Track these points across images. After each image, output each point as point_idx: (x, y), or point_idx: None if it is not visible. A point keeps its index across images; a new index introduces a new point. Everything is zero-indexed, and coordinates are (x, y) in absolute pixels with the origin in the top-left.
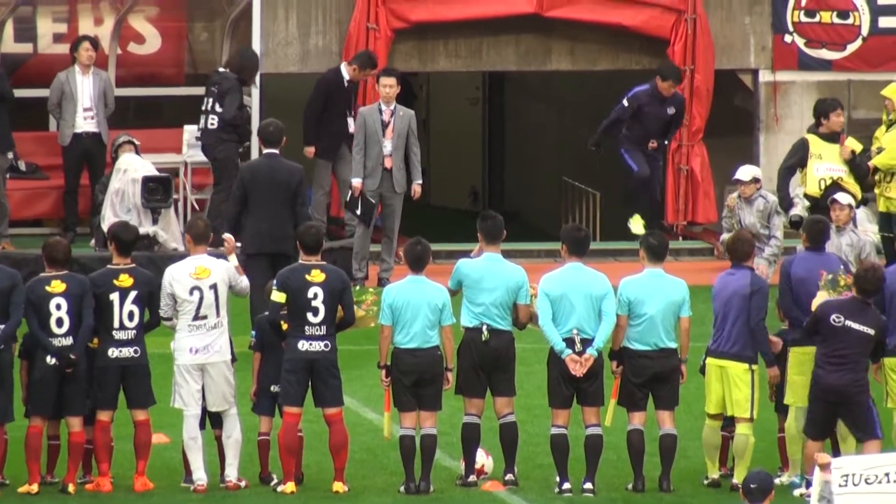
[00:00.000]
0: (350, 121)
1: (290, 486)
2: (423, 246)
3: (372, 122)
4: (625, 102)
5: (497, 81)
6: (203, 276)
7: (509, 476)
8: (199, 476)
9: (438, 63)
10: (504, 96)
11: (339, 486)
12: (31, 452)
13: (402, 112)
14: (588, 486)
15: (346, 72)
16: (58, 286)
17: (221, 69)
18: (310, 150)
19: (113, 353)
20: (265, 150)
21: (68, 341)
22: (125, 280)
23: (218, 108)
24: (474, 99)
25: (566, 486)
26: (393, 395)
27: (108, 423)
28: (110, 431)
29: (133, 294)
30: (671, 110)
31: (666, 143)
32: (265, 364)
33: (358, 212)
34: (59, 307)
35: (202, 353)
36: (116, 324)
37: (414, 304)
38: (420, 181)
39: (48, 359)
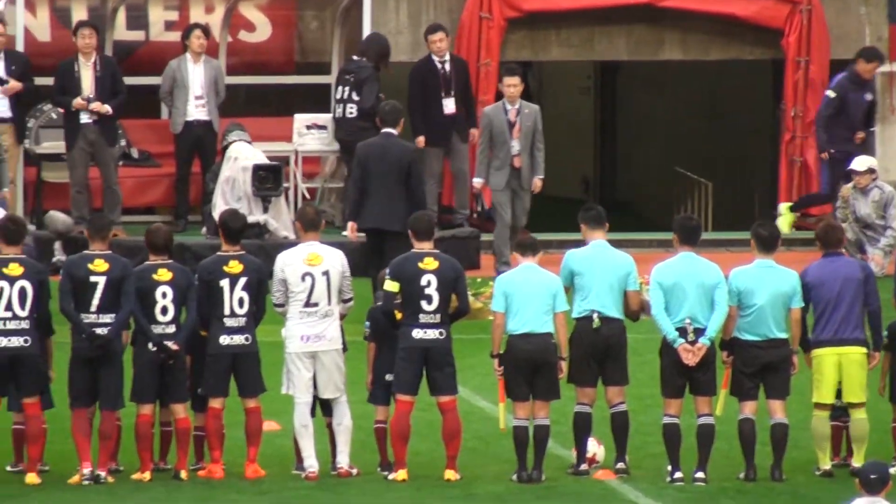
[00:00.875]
0: (451, 102)
1: (401, 474)
2: (531, 237)
3: (499, 123)
4: (830, 93)
5: (609, 71)
6: (315, 263)
7: (620, 465)
8: (311, 463)
9: (550, 52)
10: (616, 86)
11: (450, 475)
12: (141, 440)
13: (528, 109)
14: (700, 475)
15: (431, 53)
16: (164, 275)
17: (356, 57)
18: (420, 140)
19: (224, 340)
20: (382, 130)
21: (171, 329)
22: (235, 266)
23: (355, 97)
24: (586, 88)
25: (678, 475)
26: (506, 385)
27: (220, 410)
28: (222, 419)
29: (243, 280)
30: (869, 96)
31: (872, 130)
32: (379, 353)
33: (478, 209)
34: (164, 295)
35: (313, 341)
36: (227, 311)
37: (527, 290)
38: (542, 176)
39: (149, 346)
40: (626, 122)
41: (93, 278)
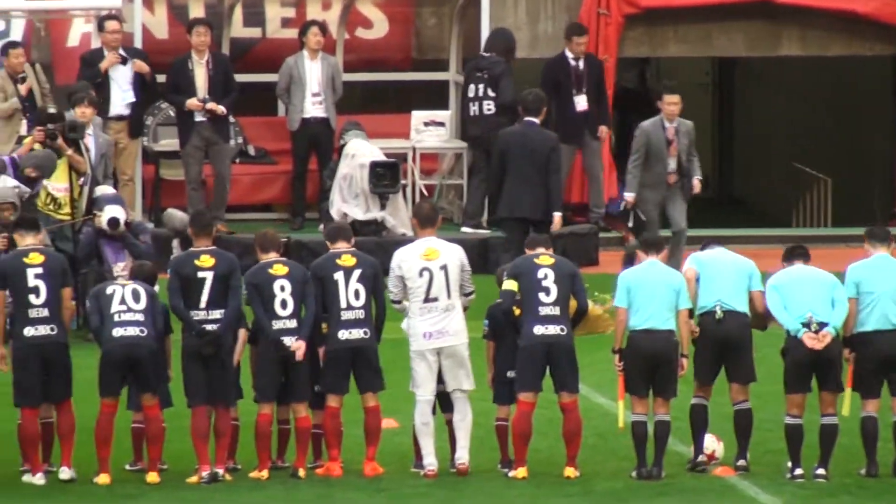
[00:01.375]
0: (583, 99)
1: (521, 472)
2: (656, 234)
3: (656, 140)
4: None
5: (727, 67)
6: (433, 258)
7: (741, 462)
8: (430, 461)
9: (668, 49)
10: (734, 82)
11: (570, 472)
12: (260, 439)
13: (685, 127)
14: (820, 471)
15: (568, 51)
16: (280, 269)
17: (486, 53)
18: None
19: (343, 335)
20: (525, 119)
21: (292, 324)
22: (348, 260)
23: (491, 93)
24: (704, 85)
25: (798, 471)
26: (626, 381)
27: (338, 408)
28: (340, 417)
29: (357, 273)
30: None
31: None
32: (499, 351)
33: (630, 224)
34: (283, 289)
35: (436, 337)
36: (343, 304)
37: (650, 285)
38: (700, 176)
39: (274, 342)
40: (743, 118)
41: (200, 274)
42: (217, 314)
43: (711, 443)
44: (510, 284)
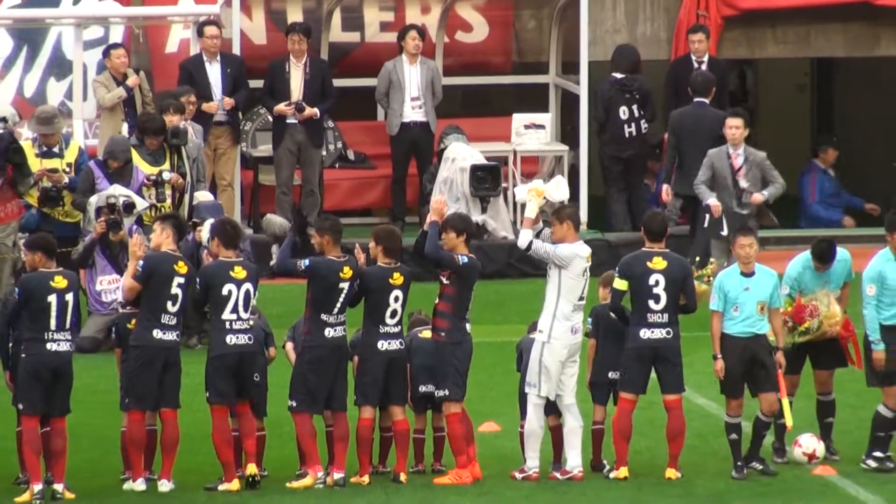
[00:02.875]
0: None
1: (622, 472)
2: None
3: (721, 168)
4: None
5: (825, 68)
6: (588, 260)
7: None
8: (533, 465)
9: (766, 49)
10: (833, 82)
11: (671, 473)
12: (361, 444)
13: (752, 156)
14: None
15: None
16: (398, 279)
17: (618, 74)
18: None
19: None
20: (695, 99)
21: (398, 329)
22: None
23: (643, 113)
24: (802, 85)
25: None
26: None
27: (459, 413)
28: (459, 422)
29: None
30: None
31: None
32: (602, 351)
33: (723, 233)
34: (396, 300)
35: (577, 334)
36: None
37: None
38: (765, 194)
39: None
40: (842, 118)
41: (342, 284)
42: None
43: (812, 442)
44: (620, 284)
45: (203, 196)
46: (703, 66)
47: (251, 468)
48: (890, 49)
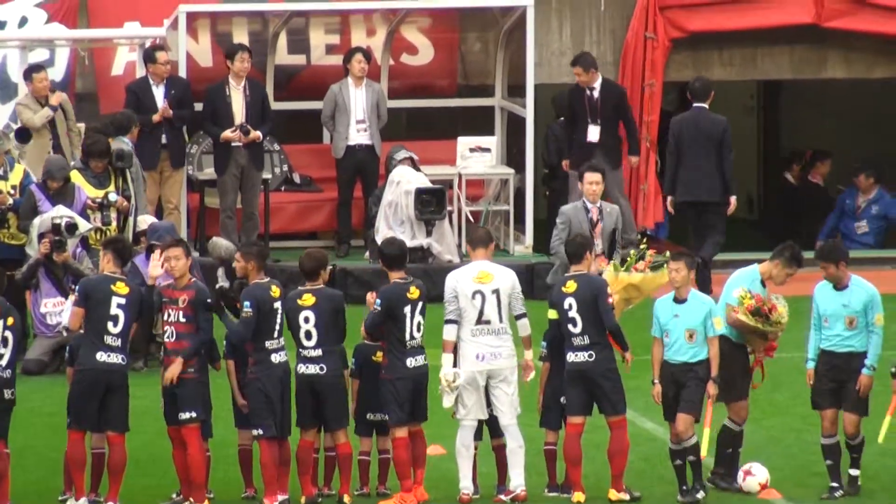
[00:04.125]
0: (595, 130)
1: (577, 496)
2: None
3: (577, 223)
4: None
5: (772, 90)
6: (485, 281)
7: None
8: (466, 485)
9: (713, 72)
10: (779, 105)
11: (613, 495)
12: (301, 465)
13: (609, 209)
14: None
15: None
16: (308, 300)
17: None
18: (564, 164)
19: (411, 363)
20: (694, 104)
21: (317, 353)
22: (414, 293)
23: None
24: (749, 107)
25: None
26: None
27: (406, 438)
28: (407, 447)
29: (420, 305)
30: None
31: None
32: (556, 376)
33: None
34: (307, 320)
35: (489, 360)
36: (407, 335)
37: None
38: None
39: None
40: (790, 141)
41: (275, 305)
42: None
43: (765, 471)
44: (551, 314)
45: (149, 219)
46: (595, 93)
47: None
48: (836, 71)
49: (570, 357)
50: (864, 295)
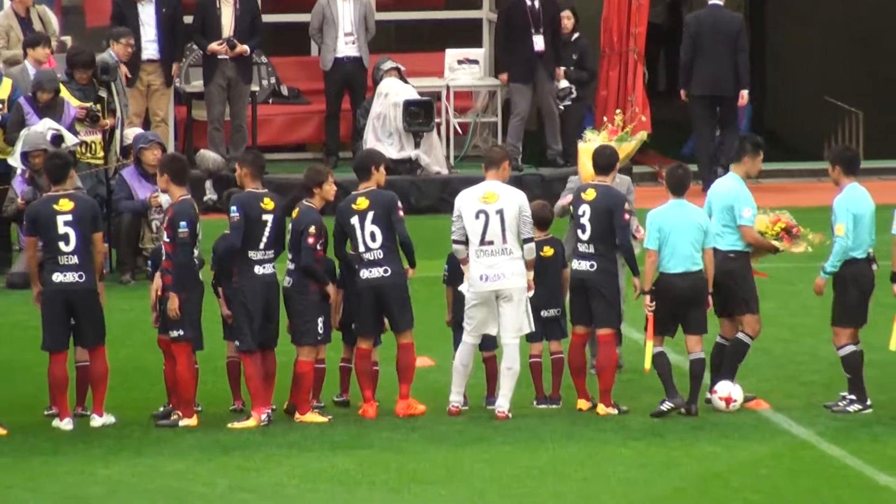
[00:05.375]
0: (540, 38)
1: (581, 403)
2: (684, 170)
3: None
4: None
5: (758, 2)
6: (490, 201)
7: (693, 407)
8: (457, 399)
9: None
10: (765, 15)
11: (602, 409)
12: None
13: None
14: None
15: None
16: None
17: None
18: (503, 77)
19: (364, 274)
20: (710, 2)
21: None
22: (362, 203)
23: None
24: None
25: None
26: (657, 321)
27: (368, 349)
28: (370, 358)
29: (371, 215)
30: None
31: None
32: (540, 289)
33: None
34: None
35: (493, 280)
36: (362, 247)
37: (681, 228)
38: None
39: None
40: (775, 51)
41: (264, 217)
42: (272, 254)
43: (726, 386)
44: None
45: (135, 132)
46: (536, 2)
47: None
48: None
49: (574, 265)
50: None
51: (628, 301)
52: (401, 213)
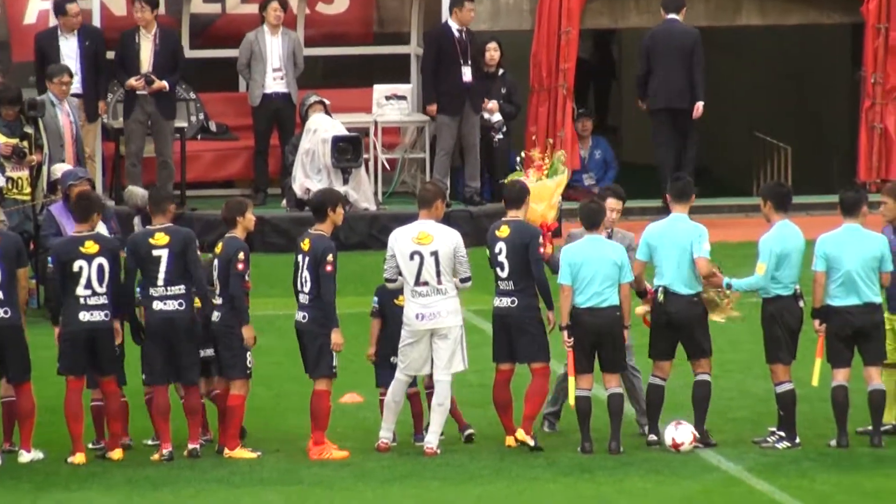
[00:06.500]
0: (469, 70)
1: (509, 440)
2: (597, 205)
3: None
4: None
5: None
6: (424, 242)
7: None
8: (386, 435)
9: (629, 19)
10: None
11: (521, 435)
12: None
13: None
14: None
15: (452, 22)
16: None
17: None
18: (431, 109)
19: (298, 316)
20: (666, 17)
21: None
22: (305, 244)
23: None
24: None
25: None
26: (574, 358)
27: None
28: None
29: (307, 260)
30: None
31: None
32: (384, 332)
33: None
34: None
35: (429, 319)
36: (298, 287)
37: (592, 262)
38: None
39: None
40: (705, 86)
41: (155, 252)
42: (175, 290)
43: (670, 431)
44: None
45: (63, 168)
46: (464, 34)
47: (116, 453)
48: (751, 18)
49: (495, 302)
50: None
51: (558, 336)
52: (329, 267)
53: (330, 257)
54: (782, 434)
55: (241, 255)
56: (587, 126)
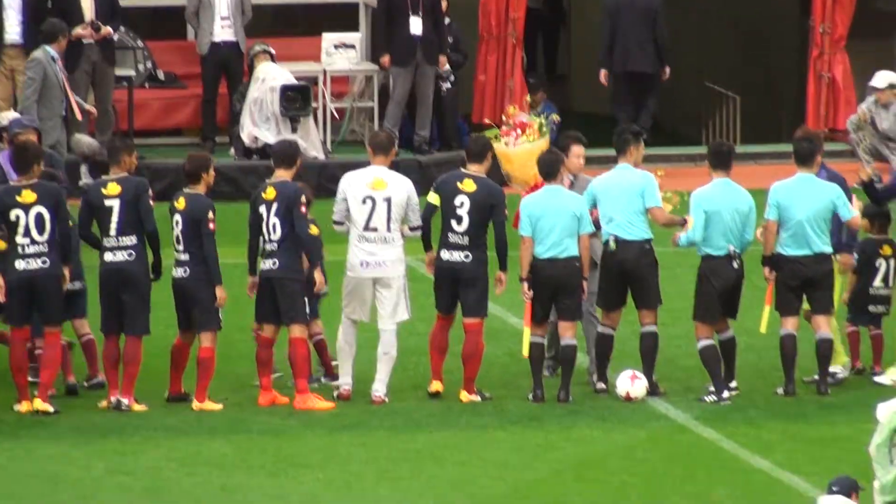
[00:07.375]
0: (419, 21)
1: (436, 385)
2: (556, 155)
3: None
4: None
5: None
6: (378, 188)
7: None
8: (346, 381)
9: None
10: None
11: (464, 396)
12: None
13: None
14: (732, 385)
15: None
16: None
17: None
18: (384, 60)
19: (265, 265)
20: None
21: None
22: (270, 193)
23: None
24: None
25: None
26: (532, 307)
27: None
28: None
29: (275, 206)
30: None
31: None
32: None
33: None
34: (177, 224)
35: (373, 267)
36: (265, 238)
37: (551, 213)
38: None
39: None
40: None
41: (107, 202)
42: (127, 241)
43: (625, 384)
44: (433, 198)
45: (9, 116)
46: None
47: (37, 403)
48: None
49: (444, 255)
50: None
51: (508, 285)
52: (303, 208)
53: (303, 199)
54: (712, 389)
55: (211, 215)
56: (538, 99)
